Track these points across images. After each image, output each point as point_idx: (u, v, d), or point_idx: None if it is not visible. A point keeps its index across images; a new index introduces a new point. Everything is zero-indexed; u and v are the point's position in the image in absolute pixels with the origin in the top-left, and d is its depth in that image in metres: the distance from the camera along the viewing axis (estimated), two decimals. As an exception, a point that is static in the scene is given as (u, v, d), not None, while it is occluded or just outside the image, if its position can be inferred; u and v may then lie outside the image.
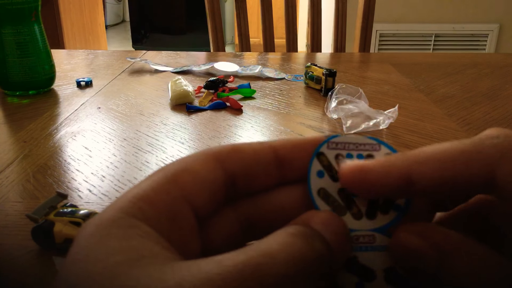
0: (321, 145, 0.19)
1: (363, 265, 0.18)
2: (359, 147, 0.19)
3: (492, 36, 2.35)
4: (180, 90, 0.68)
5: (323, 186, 0.19)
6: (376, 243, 0.18)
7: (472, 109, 0.68)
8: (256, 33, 3.30)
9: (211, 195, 0.17)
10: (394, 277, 0.18)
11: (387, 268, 0.18)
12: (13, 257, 0.35)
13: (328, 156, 0.19)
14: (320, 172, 0.19)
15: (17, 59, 0.70)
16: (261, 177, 0.18)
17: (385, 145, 0.19)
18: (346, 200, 0.19)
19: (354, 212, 0.18)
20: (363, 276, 0.18)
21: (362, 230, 0.18)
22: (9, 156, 0.52)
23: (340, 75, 0.82)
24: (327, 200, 0.19)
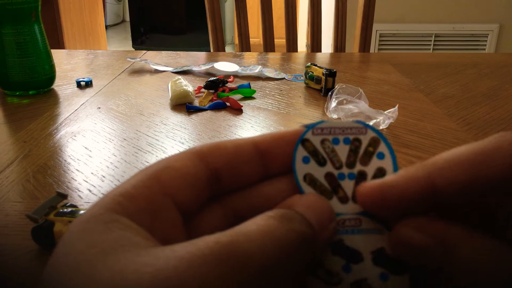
0: (306, 131, 0.19)
1: (350, 248, 0.18)
2: (345, 131, 0.19)
3: (492, 36, 2.35)
4: (180, 90, 0.68)
5: (309, 172, 0.19)
6: (362, 226, 0.18)
7: (472, 109, 0.68)
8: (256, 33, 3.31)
9: (193, 191, 0.18)
10: (382, 259, 0.18)
11: (375, 250, 0.18)
12: (13, 257, 0.35)
13: (313, 142, 0.19)
14: (306, 158, 0.19)
15: (17, 59, 0.70)
16: (245, 172, 0.19)
17: (371, 129, 0.19)
18: (332, 184, 0.19)
19: (340, 196, 0.19)
20: (349, 258, 0.18)
21: (348, 213, 0.18)
22: (9, 156, 0.52)
23: (340, 75, 0.82)
24: (314, 185, 0.19)
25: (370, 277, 0.18)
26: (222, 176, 0.18)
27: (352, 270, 0.18)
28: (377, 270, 0.18)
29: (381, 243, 0.18)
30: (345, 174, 0.19)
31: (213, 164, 0.18)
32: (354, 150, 0.19)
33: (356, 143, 0.19)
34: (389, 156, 0.19)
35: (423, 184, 0.16)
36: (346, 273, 0.18)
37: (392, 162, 0.19)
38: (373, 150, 0.19)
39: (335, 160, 0.19)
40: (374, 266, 0.18)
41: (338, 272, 0.18)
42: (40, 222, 0.35)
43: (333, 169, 0.19)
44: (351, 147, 0.19)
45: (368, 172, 0.19)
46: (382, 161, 0.19)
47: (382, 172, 0.19)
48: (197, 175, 0.18)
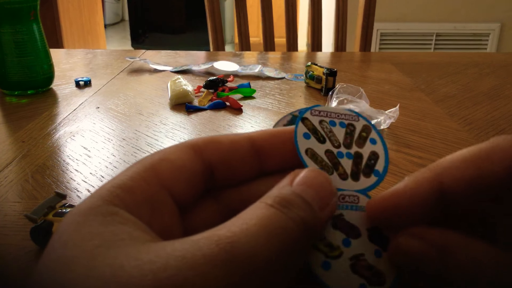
0: (305, 111, 0.20)
1: (349, 223, 0.19)
2: (340, 116, 0.20)
3: (493, 35, 2.35)
4: (180, 90, 0.67)
5: (310, 147, 0.19)
6: (360, 203, 0.19)
7: (474, 108, 0.67)
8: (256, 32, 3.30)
9: (189, 183, 0.18)
10: (376, 237, 0.18)
11: (370, 228, 0.19)
12: (12, 257, 0.34)
13: (312, 121, 0.20)
14: (306, 134, 0.20)
15: (16, 58, 0.70)
16: (239, 167, 0.19)
17: (362, 118, 0.21)
18: (333, 160, 0.19)
19: (341, 172, 0.19)
20: (349, 233, 0.18)
21: (347, 190, 0.19)
22: (7, 156, 0.51)
23: (340, 75, 0.82)
24: (315, 159, 0.19)
25: (366, 252, 0.18)
26: (216, 170, 0.18)
27: (352, 244, 0.18)
28: (372, 247, 0.18)
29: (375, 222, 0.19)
30: (343, 153, 0.20)
31: (208, 158, 0.18)
32: (349, 133, 0.20)
33: (350, 127, 0.20)
34: (380, 143, 0.20)
35: (432, 185, 0.17)
36: (346, 247, 0.18)
37: (383, 149, 0.20)
38: (366, 135, 0.20)
39: (333, 139, 0.20)
40: (369, 242, 0.18)
41: (339, 245, 0.18)
42: (39, 222, 0.35)
43: (332, 147, 0.20)
44: (346, 130, 0.20)
45: (364, 154, 0.20)
46: (374, 146, 0.20)
47: (376, 156, 0.20)
48: (192, 168, 0.18)
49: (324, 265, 0.17)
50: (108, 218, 0.15)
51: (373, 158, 0.20)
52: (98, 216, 0.15)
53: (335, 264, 0.18)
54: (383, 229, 0.18)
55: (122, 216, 0.15)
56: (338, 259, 0.18)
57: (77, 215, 0.15)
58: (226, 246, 0.13)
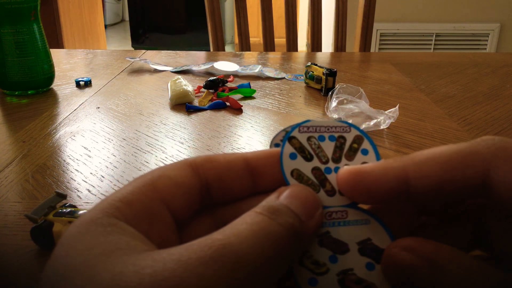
0: (292, 130, 0.20)
1: (336, 239, 0.19)
2: (330, 129, 0.20)
3: (493, 35, 2.35)
4: (180, 90, 0.67)
5: (296, 167, 0.19)
6: (349, 217, 0.19)
7: (473, 109, 0.67)
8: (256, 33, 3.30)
9: (186, 199, 0.18)
10: (368, 249, 0.18)
11: (361, 241, 0.18)
12: (13, 257, 0.34)
13: (300, 139, 0.20)
14: (292, 154, 0.20)
15: (16, 58, 0.70)
16: (234, 185, 0.20)
17: (354, 127, 0.20)
18: (319, 178, 0.19)
19: (328, 189, 0.19)
20: (336, 249, 0.18)
21: (335, 206, 0.19)
22: (8, 156, 0.52)
23: (340, 75, 0.82)
24: (301, 179, 0.19)
25: (356, 266, 0.18)
26: (212, 188, 0.19)
27: (339, 260, 0.18)
28: (363, 260, 0.18)
29: (366, 233, 0.19)
30: (331, 168, 0.20)
31: (205, 176, 0.19)
32: (339, 146, 0.20)
33: (341, 140, 0.20)
34: (373, 152, 0.20)
35: (398, 177, 0.17)
36: (332, 263, 0.18)
37: (376, 158, 0.20)
38: (357, 147, 0.20)
39: (321, 155, 0.20)
40: (360, 256, 0.18)
41: (325, 262, 0.18)
42: (39, 222, 0.35)
43: (319, 164, 0.20)
44: (336, 143, 0.20)
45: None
46: (366, 156, 0.20)
47: None
48: (190, 184, 0.19)
49: (311, 281, 0.18)
50: (108, 228, 0.16)
51: None
52: (99, 227, 0.16)
53: (322, 280, 0.18)
54: (376, 242, 0.18)
55: (121, 227, 0.16)
56: (325, 275, 0.18)
57: (79, 226, 0.16)
58: (219, 247, 0.14)
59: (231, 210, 0.20)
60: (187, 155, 0.52)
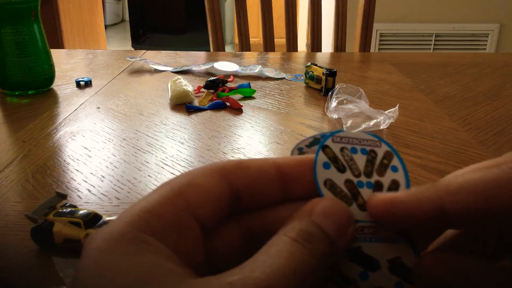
0: (326, 138, 0.19)
1: (368, 255, 0.18)
2: (362, 142, 0.20)
3: (492, 36, 2.35)
4: (180, 90, 0.67)
5: (329, 177, 0.19)
6: (380, 234, 0.18)
7: (473, 109, 0.67)
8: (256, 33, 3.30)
9: (215, 209, 0.18)
10: (398, 268, 0.18)
11: (391, 259, 0.18)
12: (13, 257, 0.34)
13: (333, 149, 0.19)
14: (326, 164, 0.19)
15: (17, 58, 0.70)
16: (265, 193, 0.19)
17: (385, 143, 0.20)
18: (352, 191, 0.19)
19: (360, 203, 0.19)
20: (367, 266, 0.18)
21: (367, 221, 0.19)
22: (8, 156, 0.52)
23: (340, 75, 0.82)
24: (334, 190, 0.19)
25: (386, 285, 0.18)
26: (243, 196, 0.19)
27: (369, 277, 0.18)
28: (393, 279, 0.18)
29: (397, 252, 0.18)
30: (363, 182, 0.19)
31: (235, 183, 0.18)
32: (371, 160, 0.20)
33: (372, 154, 0.20)
34: (402, 171, 0.20)
35: (433, 207, 0.17)
36: (363, 280, 0.18)
37: (405, 176, 0.20)
38: (387, 163, 0.20)
39: (354, 168, 0.19)
40: (390, 274, 0.18)
41: (356, 278, 0.18)
42: (40, 222, 0.35)
43: (352, 177, 0.19)
44: (368, 157, 0.20)
45: (384, 183, 0.19)
46: (396, 174, 0.20)
47: (396, 185, 0.19)
48: (220, 193, 0.18)
49: None
50: (140, 247, 0.15)
51: (394, 187, 0.19)
52: (130, 245, 0.15)
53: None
54: (404, 260, 0.18)
55: (152, 245, 0.15)
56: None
57: (109, 241, 0.15)
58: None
59: (259, 218, 0.19)
60: (187, 155, 0.52)
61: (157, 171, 0.48)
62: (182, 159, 0.51)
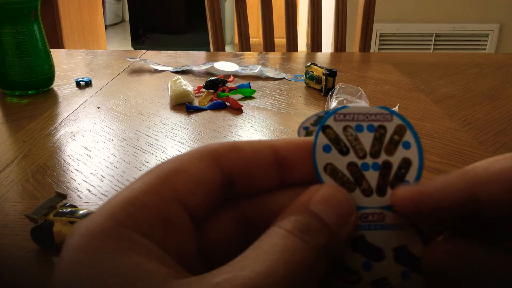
0: (327, 117, 0.18)
1: (371, 244, 0.17)
2: (369, 117, 0.18)
3: (492, 36, 2.35)
4: (180, 90, 0.67)
5: (330, 162, 0.17)
6: (386, 221, 0.17)
7: (473, 109, 0.67)
8: (256, 33, 3.30)
9: (206, 196, 0.17)
10: (404, 257, 0.17)
11: (397, 248, 0.17)
12: (13, 257, 0.34)
13: (335, 128, 0.18)
14: (327, 146, 0.17)
15: (17, 59, 0.70)
16: (261, 178, 0.18)
17: (397, 115, 0.18)
18: (356, 175, 0.17)
19: (364, 188, 0.17)
20: (371, 256, 0.17)
21: (371, 207, 0.17)
22: (8, 156, 0.52)
23: (340, 75, 0.82)
24: (335, 176, 0.17)
25: (390, 275, 0.17)
26: (236, 181, 0.17)
27: (373, 268, 0.17)
28: (398, 268, 0.17)
29: (403, 240, 0.17)
30: (369, 164, 0.17)
31: (229, 167, 0.17)
32: (379, 138, 0.18)
33: (381, 131, 0.18)
34: (415, 146, 0.18)
35: (465, 197, 0.15)
36: (366, 271, 0.17)
37: (418, 153, 0.18)
38: (398, 139, 0.18)
39: (358, 148, 0.18)
40: (396, 263, 0.17)
41: (358, 269, 0.17)
42: (40, 222, 0.35)
43: (356, 159, 0.18)
44: (375, 134, 0.18)
45: (393, 162, 0.18)
46: (407, 151, 0.18)
47: (408, 163, 0.17)
48: (211, 179, 0.17)
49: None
50: (121, 245, 0.14)
51: (404, 167, 0.17)
52: (111, 243, 0.14)
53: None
54: (411, 248, 0.17)
55: (135, 242, 0.14)
56: (357, 285, 0.17)
57: (88, 237, 0.14)
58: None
59: (256, 204, 0.18)
60: (187, 155, 0.52)
61: (157, 171, 0.48)
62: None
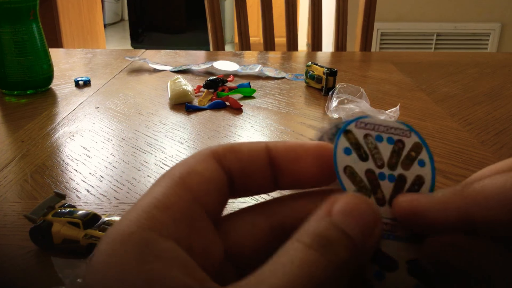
0: (349, 123, 0.18)
1: (385, 254, 0.17)
2: (389, 130, 0.18)
3: (494, 35, 2.35)
4: (179, 90, 0.67)
5: (349, 164, 0.18)
6: (398, 232, 0.17)
7: (474, 108, 0.67)
8: (256, 32, 3.30)
9: (218, 195, 0.17)
10: (418, 270, 0.17)
11: (410, 260, 0.17)
12: (12, 257, 0.34)
13: (356, 134, 0.18)
14: (347, 149, 0.18)
15: (15, 58, 0.69)
16: (256, 178, 0.18)
17: (415, 133, 0.18)
18: (373, 182, 0.18)
19: (379, 197, 0.17)
20: (384, 266, 0.17)
21: (384, 217, 0.17)
22: (7, 156, 0.51)
23: (341, 74, 0.82)
24: (353, 179, 0.17)
25: (402, 287, 0.17)
26: (235, 180, 0.18)
27: (386, 278, 0.17)
28: (412, 281, 0.17)
29: (417, 253, 0.17)
30: (385, 174, 0.18)
31: (228, 167, 0.17)
32: (397, 151, 0.18)
33: (399, 145, 0.18)
34: (429, 165, 0.18)
35: (460, 216, 0.16)
36: (378, 281, 0.17)
37: (431, 172, 0.18)
38: (415, 156, 0.18)
39: (377, 157, 0.18)
40: (409, 276, 0.17)
41: (370, 278, 0.17)
42: (38, 222, 0.35)
43: (374, 167, 0.18)
44: (394, 147, 0.18)
45: (408, 177, 0.18)
46: (422, 168, 0.18)
47: (421, 181, 0.18)
48: (219, 179, 0.17)
49: None
50: (146, 251, 0.14)
51: (418, 183, 0.18)
52: (135, 248, 0.14)
53: None
54: (425, 262, 0.17)
55: (159, 247, 0.14)
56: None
57: (114, 244, 0.14)
58: None
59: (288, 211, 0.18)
60: (186, 155, 0.52)
61: (157, 171, 0.48)
62: (181, 159, 0.51)
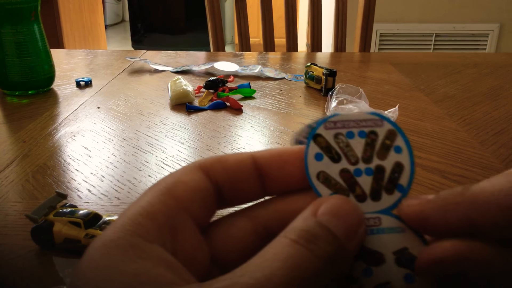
0: (317, 126, 0.18)
1: (370, 250, 0.17)
2: (360, 123, 0.18)
3: (492, 36, 2.35)
4: (180, 90, 0.67)
5: (322, 169, 0.18)
6: (383, 225, 0.17)
7: (473, 109, 0.67)
8: (256, 33, 3.30)
9: (205, 204, 0.18)
10: (406, 259, 0.17)
11: (398, 251, 0.17)
12: (13, 257, 0.34)
13: (326, 137, 0.18)
14: (318, 155, 0.18)
15: (17, 59, 0.70)
16: (244, 187, 0.19)
17: (387, 121, 0.18)
18: (349, 181, 0.18)
19: (358, 193, 0.17)
20: (370, 261, 0.17)
21: (367, 212, 0.17)
22: (8, 156, 0.52)
23: (340, 75, 0.82)
24: (328, 183, 0.18)
25: (393, 279, 0.17)
26: (223, 189, 0.18)
27: (374, 273, 0.17)
28: (401, 271, 0.17)
29: (403, 242, 0.17)
30: (362, 169, 0.18)
31: (215, 178, 0.18)
32: (370, 143, 0.18)
33: (372, 136, 0.18)
34: (406, 150, 0.18)
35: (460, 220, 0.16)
36: (367, 277, 0.17)
37: (409, 157, 0.18)
38: (390, 143, 0.18)
39: (350, 155, 0.18)
40: (398, 267, 0.17)
41: (359, 276, 0.17)
42: (40, 222, 0.35)
43: (348, 165, 0.18)
44: (367, 140, 0.18)
45: (386, 167, 0.18)
46: (399, 155, 0.18)
47: (400, 167, 0.18)
48: (205, 188, 0.18)
49: None
50: (129, 253, 0.15)
51: (397, 171, 0.18)
52: (119, 251, 0.15)
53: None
54: (412, 251, 0.17)
55: (142, 248, 0.15)
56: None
57: (100, 248, 0.15)
58: None
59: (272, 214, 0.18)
60: (187, 155, 0.52)
61: (157, 171, 0.48)
62: (182, 159, 0.51)
